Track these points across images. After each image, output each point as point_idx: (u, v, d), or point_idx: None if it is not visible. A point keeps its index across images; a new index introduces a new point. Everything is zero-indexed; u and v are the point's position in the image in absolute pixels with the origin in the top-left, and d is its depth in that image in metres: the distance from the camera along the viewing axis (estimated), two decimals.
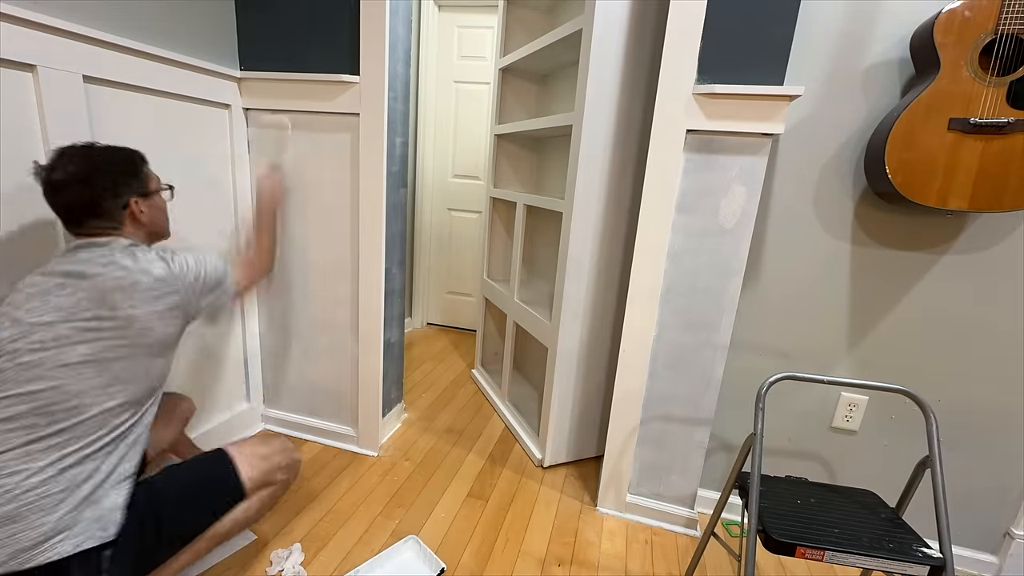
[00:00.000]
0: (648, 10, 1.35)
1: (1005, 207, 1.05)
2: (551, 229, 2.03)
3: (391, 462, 1.65)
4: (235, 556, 1.21)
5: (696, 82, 1.18)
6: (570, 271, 1.49)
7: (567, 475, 1.66)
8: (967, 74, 1.02)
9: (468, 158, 2.81)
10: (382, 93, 1.40)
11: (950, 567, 0.82)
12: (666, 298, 1.31)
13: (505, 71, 2.06)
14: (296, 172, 1.54)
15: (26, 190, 1.02)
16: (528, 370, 2.27)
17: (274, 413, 1.78)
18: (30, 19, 0.97)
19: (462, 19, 2.66)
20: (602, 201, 1.47)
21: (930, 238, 1.23)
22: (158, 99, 1.28)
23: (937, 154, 1.06)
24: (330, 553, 1.25)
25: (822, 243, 1.29)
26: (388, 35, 1.39)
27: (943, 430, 1.30)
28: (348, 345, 1.63)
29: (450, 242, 2.96)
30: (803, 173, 1.27)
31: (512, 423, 1.91)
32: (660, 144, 1.22)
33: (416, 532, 1.34)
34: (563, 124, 1.51)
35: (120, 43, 1.14)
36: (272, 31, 1.46)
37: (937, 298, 1.25)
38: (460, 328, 3.09)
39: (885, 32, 1.16)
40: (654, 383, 1.37)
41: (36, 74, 1.00)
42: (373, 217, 1.49)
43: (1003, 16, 0.99)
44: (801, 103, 1.24)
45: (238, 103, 1.51)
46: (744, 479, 1.00)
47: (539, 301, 1.92)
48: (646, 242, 1.28)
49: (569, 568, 1.27)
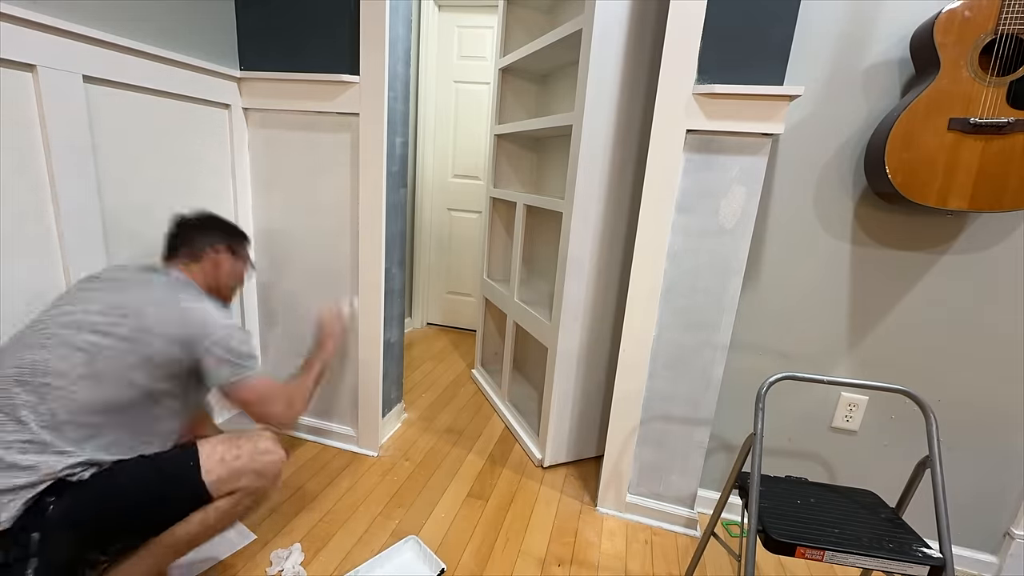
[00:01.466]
0: (648, 10, 1.35)
1: (1005, 207, 1.05)
2: (551, 229, 2.02)
3: (391, 462, 1.65)
4: (235, 556, 1.21)
5: (696, 82, 1.18)
6: (570, 271, 1.49)
7: (567, 475, 1.66)
8: (967, 74, 1.02)
9: (468, 158, 2.81)
10: (382, 93, 1.40)
11: (950, 567, 0.82)
12: (666, 298, 1.31)
13: (505, 71, 2.06)
14: (296, 172, 1.54)
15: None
16: (528, 370, 2.27)
17: None
18: (30, 19, 0.97)
19: (462, 19, 2.66)
20: (602, 201, 1.47)
21: (930, 238, 1.23)
22: (158, 99, 1.28)
23: (937, 154, 1.06)
24: (330, 553, 1.25)
25: (822, 243, 1.29)
26: (388, 35, 1.39)
27: (943, 430, 1.30)
28: (348, 345, 1.63)
29: (450, 242, 2.96)
30: (803, 173, 1.27)
31: (512, 423, 1.91)
32: (660, 144, 1.22)
33: (416, 532, 1.34)
34: (563, 124, 1.51)
35: (120, 43, 1.14)
36: (272, 31, 1.46)
37: (937, 298, 1.25)
38: (460, 328, 3.09)
39: (885, 32, 1.16)
40: (654, 383, 1.37)
41: (36, 74, 1.00)
42: (373, 217, 1.49)
43: (1003, 16, 0.99)
44: (801, 103, 1.24)
45: (238, 103, 1.51)
46: (744, 479, 0.99)
47: (539, 301, 1.92)
48: (646, 242, 1.28)
49: (569, 568, 1.27)
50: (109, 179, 1.19)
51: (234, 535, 1.27)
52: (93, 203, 1.14)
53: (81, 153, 1.10)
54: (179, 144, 1.35)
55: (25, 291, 1.04)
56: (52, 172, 1.05)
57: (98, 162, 1.16)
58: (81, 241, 1.12)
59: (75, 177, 1.10)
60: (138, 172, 1.26)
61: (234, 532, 1.28)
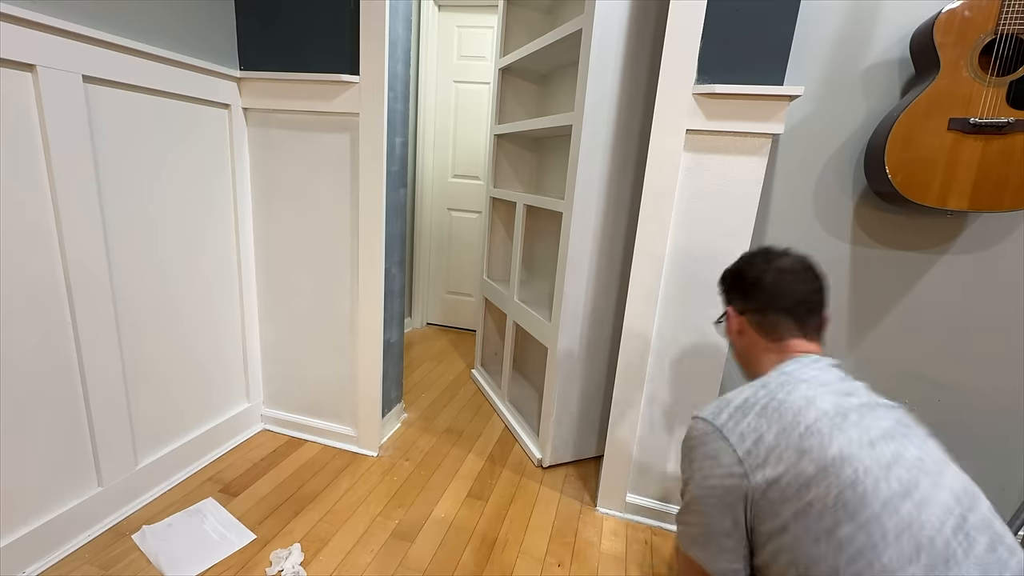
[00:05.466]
0: (648, 10, 1.35)
1: (1005, 207, 1.05)
2: (551, 229, 2.02)
3: (391, 462, 1.65)
4: (235, 556, 1.21)
5: (696, 82, 1.18)
6: (570, 271, 1.49)
7: (567, 475, 1.66)
8: (967, 74, 1.02)
9: (468, 158, 2.81)
10: (382, 93, 1.40)
11: None
12: (666, 298, 1.31)
13: (505, 71, 2.06)
14: (296, 172, 1.54)
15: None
16: (528, 370, 2.27)
17: (274, 413, 1.78)
18: (30, 19, 0.97)
19: (462, 19, 2.66)
20: (602, 201, 1.47)
21: (930, 238, 1.23)
22: (158, 99, 1.28)
23: (937, 154, 1.06)
24: (330, 553, 1.25)
25: (822, 243, 1.29)
26: (388, 35, 1.39)
27: (943, 430, 1.30)
28: (348, 345, 1.63)
29: (450, 242, 2.96)
30: (803, 173, 1.27)
31: (512, 423, 1.91)
32: (660, 144, 1.22)
33: (416, 532, 1.34)
34: (563, 124, 1.51)
35: (120, 43, 1.14)
36: (272, 31, 1.46)
37: (937, 298, 1.25)
38: (460, 328, 3.08)
39: (885, 32, 1.16)
40: (654, 383, 1.37)
41: (36, 74, 1.00)
42: (373, 217, 1.49)
43: (1003, 16, 0.99)
44: (801, 103, 1.24)
45: (238, 103, 1.51)
46: None
47: (539, 301, 1.92)
48: (646, 242, 1.28)
49: (569, 568, 1.27)
50: (109, 179, 1.19)
51: (234, 535, 1.27)
52: (93, 203, 1.14)
53: (81, 153, 1.10)
54: (179, 144, 1.35)
55: (25, 291, 1.04)
56: (52, 172, 1.05)
57: (98, 162, 1.16)
58: (81, 241, 1.12)
59: (75, 177, 1.10)
60: (138, 172, 1.26)
61: (234, 532, 1.28)
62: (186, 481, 1.47)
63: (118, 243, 1.23)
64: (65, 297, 1.12)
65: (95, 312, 1.17)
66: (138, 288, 1.29)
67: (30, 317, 1.05)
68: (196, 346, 1.49)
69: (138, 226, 1.27)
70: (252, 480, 1.50)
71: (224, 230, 1.54)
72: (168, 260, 1.36)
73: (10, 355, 1.03)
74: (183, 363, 1.45)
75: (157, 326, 1.35)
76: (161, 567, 1.15)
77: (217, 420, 1.60)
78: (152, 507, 1.35)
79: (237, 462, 1.58)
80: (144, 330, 1.32)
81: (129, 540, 1.23)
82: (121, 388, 1.26)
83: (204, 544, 1.23)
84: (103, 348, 1.20)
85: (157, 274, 1.34)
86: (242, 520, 1.33)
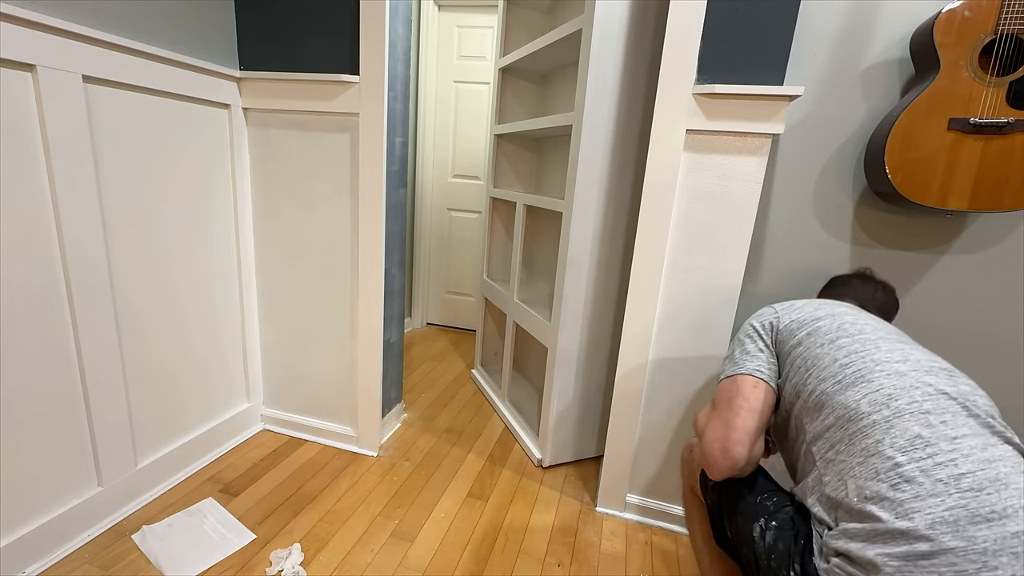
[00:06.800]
0: (648, 10, 1.35)
1: (1005, 207, 1.05)
2: (551, 229, 2.02)
3: (391, 462, 1.65)
4: (235, 556, 1.21)
5: (696, 82, 1.18)
6: (570, 271, 1.49)
7: (567, 475, 1.66)
8: (967, 74, 1.02)
9: (468, 158, 2.81)
10: (382, 93, 1.40)
11: None
12: (666, 298, 1.31)
13: (505, 71, 2.06)
14: (296, 172, 1.54)
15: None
16: (528, 370, 2.27)
17: (273, 413, 1.78)
18: (30, 19, 0.97)
19: (462, 19, 2.66)
20: (602, 201, 1.47)
21: (930, 238, 1.23)
22: (158, 99, 1.28)
23: (937, 154, 1.06)
24: (330, 553, 1.25)
25: (822, 243, 1.29)
26: (388, 35, 1.39)
27: None
28: (348, 345, 1.63)
29: (450, 242, 2.96)
30: (803, 173, 1.27)
31: (512, 423, 1.91)
32: (660, 144, 1.22)
33: (416, 532, 1.34)
34: (563, 124, 1.51)
35: (120, 43, 1.14)
36: (272, 31, 1.46)
37: (937, 298, 1.25)
38: (460, 328, 3.08)
39: (885, 32, 1.16)
40: (654, 383, 1.37)
41: (36, 74, 1.00)
42: (373, 217, 1.49)
43: (1003, 16, 0.99)
44: (801, 103, 1.24)
45: (238, 103, 1.51)
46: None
47: (539, 301, 1.92)
48: (646, 242, 1.28)
49: (569, 568, 1.27)
50: (109, 179, 1.19)
51: (234, 535, 1.27)
52: (93, 203, 1.14)
53: (81, 153, 1.10)
54: (179, 144, 1.35)
55: (25, 291, 1.04)
56: (52, 172, 1.05)
57: (98, 162, 1.16)
58: (81, 241, 1.12)
59: (75, 177, 1.10)
60: (138, 172, 1.26)
61: (234, 532, 1.28)
62: (186, 481, 1.47)
63: (118, 243, 1.23)
64: (65, 297, 1.12)
65: (95, 312, 1.17)
66: (138, 288, 1.29)
67: (30, 317, 1.05)
68: (196, 346, 1.49)
69: (138, 226, 1.27)
70: (252, 480, 1.50)
71: (224, 230, 1.54)
72: (168, 260, 1.36)
73: (10, 355, 1.03)
74: (183, 363, 1.45)
75: (157, 326, 1.35)
76: (161, 567, 1.15)
77: (217, 420, 1.60)
78: (152, 507, 1.35)
79: (237, 462, 1.58)
80: (144, 330, 1.32)
81: (129, 540, 1.23)
82: (121, 388, 1.26)
83: (204, 544, 1.23)
84: (103, 348, 1.20)
85: (157, 274, 1.34)
86: (242, 520, 1.33)
